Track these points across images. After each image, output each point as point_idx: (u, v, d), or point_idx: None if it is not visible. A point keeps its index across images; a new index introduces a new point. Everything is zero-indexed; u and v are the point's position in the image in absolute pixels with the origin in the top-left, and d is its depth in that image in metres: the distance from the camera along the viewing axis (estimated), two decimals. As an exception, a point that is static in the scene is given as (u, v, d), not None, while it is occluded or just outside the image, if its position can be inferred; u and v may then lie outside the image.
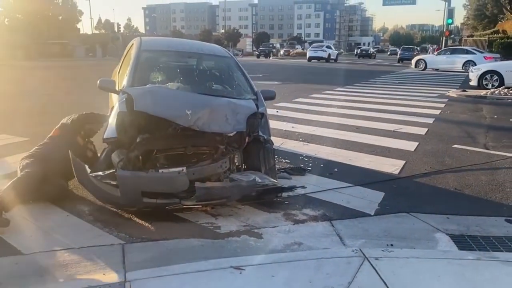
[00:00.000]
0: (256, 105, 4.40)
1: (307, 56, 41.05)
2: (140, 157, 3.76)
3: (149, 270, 2.77)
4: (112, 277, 2.71)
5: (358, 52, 58.47)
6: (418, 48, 48.70)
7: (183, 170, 3.63)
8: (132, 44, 5.35)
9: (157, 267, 2.81)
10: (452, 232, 3.59)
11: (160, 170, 3.69)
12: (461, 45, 37.87)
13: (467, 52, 25.78)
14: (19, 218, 3.59)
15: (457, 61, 25.22)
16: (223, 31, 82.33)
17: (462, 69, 24.62)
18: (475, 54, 25.03)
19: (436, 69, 26.14)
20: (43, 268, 2.85)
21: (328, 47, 42.32)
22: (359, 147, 6.45)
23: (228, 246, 3.25)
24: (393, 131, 7.72)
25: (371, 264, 2.78)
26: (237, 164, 4.21)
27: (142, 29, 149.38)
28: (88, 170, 3.63)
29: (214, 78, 5.07)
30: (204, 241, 3.31)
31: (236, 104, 4.19)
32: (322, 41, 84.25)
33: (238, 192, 3.74)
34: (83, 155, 4.17)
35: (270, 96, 5.01)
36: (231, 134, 4.04)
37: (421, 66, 26.92)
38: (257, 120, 4.29)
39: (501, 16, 49.74)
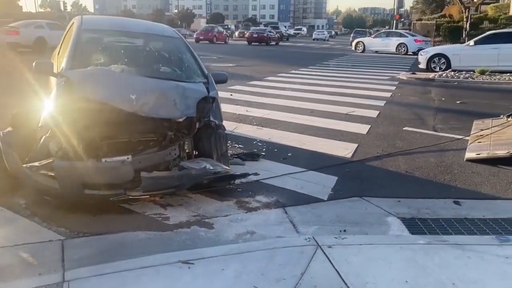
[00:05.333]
0: (207, 88, 4.22)
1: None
2: (81, 146, 3.49)
3: (90, 268, 2.58)
4: (49, 277, 2.50)
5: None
6: (371, 31, 49.90)
7: (128, 158, 3.40)
8: (73, 23, 4.97)
9: (99, 264, 2.62)
10: (403, 215, 3.61)
11: (104, 159, 3.44)
12: (410, 29, 38.95)
13: (400, 35, 27.43)
14: None
15: (391, 44, 26.72)
16: (176, 11, 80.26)
17: (396, 51, 26.06)
18: (407, 37, 26.75)
19: (376, 51, 27.27)
20: (-30, 270, 2.59)
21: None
22: (313, 131, 6.42)
23: (177, 239, 3.10)
24: (346, 114, 7.77)
25: (324, 253, 2.72)
26: (187, 151, 4.03)
27: (91, 8, 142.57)
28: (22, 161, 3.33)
29: (162, 60, 4.81)
30: (152, 234, 3.14)
31: (185, 88, 3.98)
32: (277, 23, 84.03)
33: (188, 181, 3.58)
34: None
35: (221, 80, 4.82)
36: (180, 120, 3.84)
37: (360, 48, 28.22)
38: (208, 104, 4.11)
39: (448, 0, 51.42)
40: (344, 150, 5.45)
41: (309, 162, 4.89)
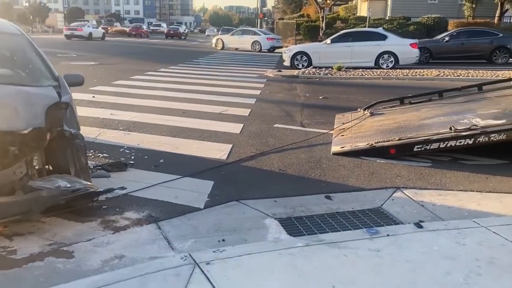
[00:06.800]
0: (58, 93, 3.66)
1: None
2: None
3: None
4: None
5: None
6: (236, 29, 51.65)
7: (-45, 184, 2.75)
8: None
9: None
10: (280, 216, 3.58)
11: None
12: (274, 27, 40.92)
13: (254, 33, 29.29)
14: None
15: (246, 41, 28.41)
16: (27, 4, 72.13)
17: (251, 48, 27.73)
18: (260, 35, 28.75)
19: (236, 49, 28.43)
20: None
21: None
22: (186, 133, 6.15)
23: (28, 276, 2.59)
24: (219, 113, 7.66)
25: (203, 271, 2.50)
26: (37, 167, 3.44)
27: None
28: None
29: (-1, 61, 4.07)
30: (-7, 275, 2.57)
31: (30, 94, 3.40)
32: (142, 19, 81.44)
33: (39, 205, 3.04)
34: None
35: (77, 82, 4.26)
36: (26, 132, 3.25)
37: (220, 45, 29.34)
38: (61, 111, 3.56)
39: (305, 1, 55.22)
40: (219, 151, 5.30)
41: (183, 168, 4.62)
